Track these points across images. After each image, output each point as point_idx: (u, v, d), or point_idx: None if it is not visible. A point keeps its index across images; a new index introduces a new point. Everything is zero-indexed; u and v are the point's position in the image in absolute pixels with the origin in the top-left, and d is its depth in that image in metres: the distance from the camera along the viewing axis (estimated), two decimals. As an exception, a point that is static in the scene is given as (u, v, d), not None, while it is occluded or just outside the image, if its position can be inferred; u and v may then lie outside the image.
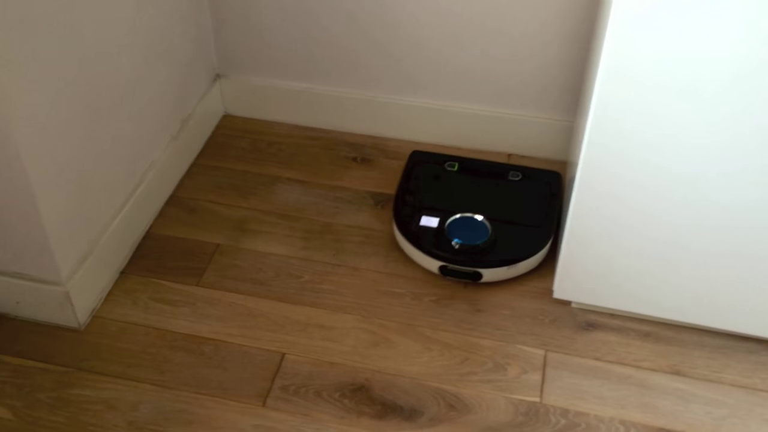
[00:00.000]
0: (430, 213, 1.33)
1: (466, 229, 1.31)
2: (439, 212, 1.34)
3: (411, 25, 1.46)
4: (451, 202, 1.36)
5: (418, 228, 1.32)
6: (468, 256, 1.28)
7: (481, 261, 1.28)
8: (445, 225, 1.31)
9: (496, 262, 1.28)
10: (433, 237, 1.31)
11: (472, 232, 1.30)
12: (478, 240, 1.29)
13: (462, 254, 1.28)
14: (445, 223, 1.32)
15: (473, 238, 1.29)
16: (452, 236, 1.29)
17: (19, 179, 1.07)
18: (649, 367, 1.20)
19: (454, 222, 1.32)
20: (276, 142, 1.60)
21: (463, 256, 1.28)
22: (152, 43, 1.34)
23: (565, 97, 1.48)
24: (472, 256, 1.28)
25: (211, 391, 1.16)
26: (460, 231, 1.30)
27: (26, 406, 1.14)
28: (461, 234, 1.30)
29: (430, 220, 1.32)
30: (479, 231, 1.30)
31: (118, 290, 1.30)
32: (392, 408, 1.14)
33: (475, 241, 1.29)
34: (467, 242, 1.28)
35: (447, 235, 1.30)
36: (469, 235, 1.29)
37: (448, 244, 1.29)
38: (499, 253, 1.29)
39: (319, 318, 1.26)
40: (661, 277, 1.18)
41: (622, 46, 0.98)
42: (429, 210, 1.34)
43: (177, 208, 1.45)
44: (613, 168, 1.09)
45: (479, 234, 1.30)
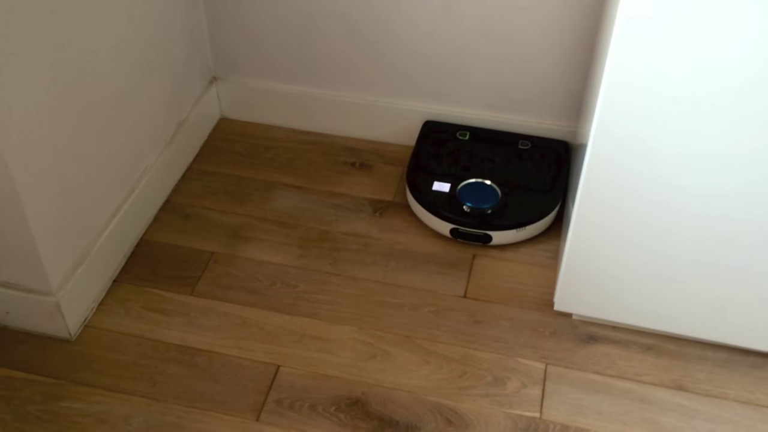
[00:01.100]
0: (442, 179, 1.38)
1: (476, 194, 1.35)
2: (451, 178, 1.38)
3: (411, 28, 1.43)
4: (462, 169, 1.41)
5: (430, 192, 1.35)
6: (478, 219, 1.33)
7: (491, 224, 1.32)
8: (456, 189, 1.35)
9: (505, 224, 1.33)
10: (445, 201, 1.34)
11: (482, 196, 1.34)
12: (488, 203, 1.33)
13: (472, 217, 1.32)
14: (456, 187, 1.36)
15: (483, 202, 1.33)
16: (463, 200, 1.33)
17: (5, 187, 1.04)
18: (650, 382, 1.18)
19: (465, 187, 1.36)
20: (273, 147, 1.57)
21: (473, 219, 1.32)
22: (145, 46, 1.31)
23: (567, 104, 1.46)
24: (483, 219, 1.33)
25: (204, 404, 1.13)
26: (470, 195, 1.34)
27: (15, 419, 1.11)
28: (472, 198, 1.34)
29: (442, 185, 1.36)
30: (489, 195, 1.35)
31: (110, 299, 1.27)
32: (388, 423, 1.12)
33: (484, 205, 1.33)
34: (477, 206, 1.32)
35: (458, 199, 1.34)
36: (480, 199, 1.34)
37: (459, 207, 1.33)
38: (508, 216, 1.33)
39: (315, 329, 1.24)
40: (663, 289, 1.16)
41: (627, 55, 0.95)
42: (441, 176, 1.39)
43: (172, 215, 1.43)
44: (616, 179, 1.06)
45: (489, 198, 1.34)
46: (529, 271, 1.33)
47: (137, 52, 1.29)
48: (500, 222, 1.33)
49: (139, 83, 1.31)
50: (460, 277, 1.32)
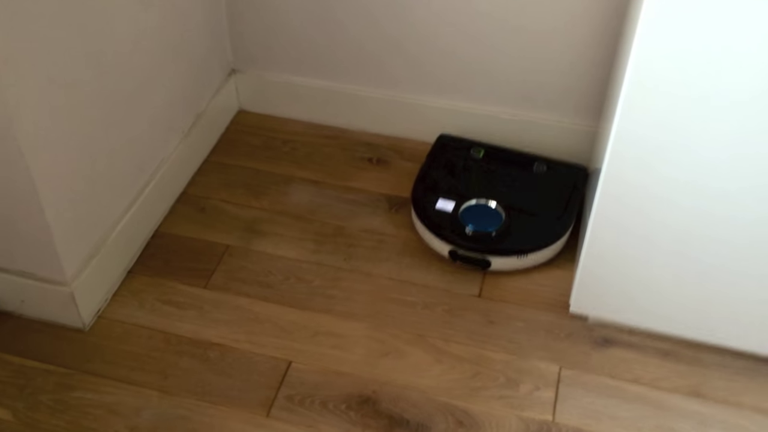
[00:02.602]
0: (448, 196, 1.34)
1: (479, 216, 1.30)
2: (457, 196, 1.34)
3: (433, 23, 1.42)
4: (470, 188, 1.36)
5: (433, 210, 1.32)
6: (480, 242, 1.27)
7: (492, 249, 1.27)
8: (459, 210, 1.31)
9: (506, 250, 1.27)
10: (447, 221, 1.30)
11: (485, 218, 1.30)
12: (491, 227, 1.28)
13: (473, 241, 1.27)
14: (459, 207, 1.31)
15: (486, 225, 1.28)
16: (466, 221, 1.29)
17: (22, 178, 1.05)
18: (667, 388, 1.16)
19: (469, 208, 1.31)
20: (291, 141, 1.57)
21: (474, 243, 1.27)
22: (165, 38, 1.31)
23: (589, 102, 1.43)
24: (484, 243, 1.27)
25: (215, 398, 1.13)
26: (473, 217, 1.30)
27: (27, 408, 1.12)
28: (474, 220, 1.29)
29: (446, 203, 1.32)
30: (493, 218, 1.30)
31: (124, 290, 1.28)
32: (399, 422, 1.11)
33: (487, 228, 1.28)
34: (480, 229, 1.28)
35: (460, 220, 1.30)
36: (483, 222, 1.29)
37: (461, 229, 1.29)
38: (510, 242, 1.28)
39: (328, 325, 1.23)
40: (683, 293, 1.14)
41: (651, 53, 0.93)
42: (447, 193, 1.35)
43: (187, 207, 1.43)
44: (636, 179, 1.05)
45: (492, 221, 1.29)
46: (545, 272, 1.32)
47: (157, 43, 1.29)
48: (501, 247, 1.27)
49: (158, 75, 1.31)
50: (474, 276, 1.31)
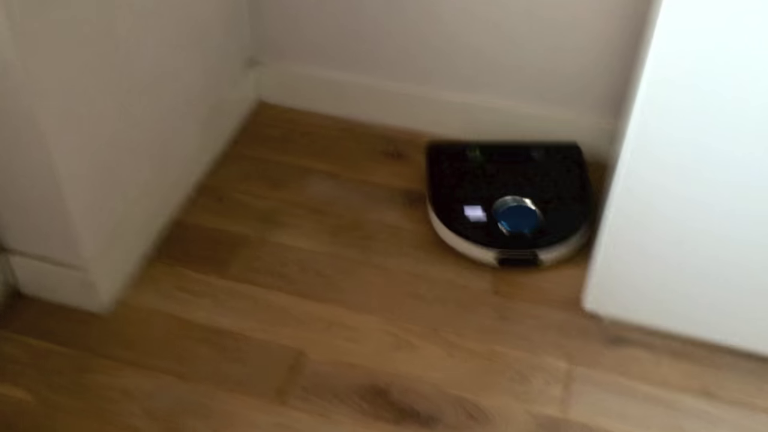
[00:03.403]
0: (471, 203, 1.33)
1: (514, 215, 1.31)
2: (480, 201, 1.34)
3: (456, 16, 1.42)
4: (487, 189, 1.36)
5: (466, 220, 1.31)
6: (523, 241, 1.29)
7: (535, 243, 1.29)
8: (493, 214, 1.31)
9: (550, 241, 1.29)
10: (484, 227, 1.30)
11: (521, 217, 1.31)
12: (529, 225, 1.29)
13: (517, 240, 1.29)
14: (492, 212, 1.31)
15: (524, 224, 1.29)
16: (506, 225, 1.29)
17: (43, 163, 1.07)
18: (678, 388, 1.16)
19: (501, 210, 1.31)
20: (309, 133, 1.58)
21: (518, 242, 1.28)
22: (185, 28, 1.33)
23: (608, 99, 1.43)
24: (527, 240, 1.29)
25: (230, 385, 1.15)
26: (509, 218, 1.31)
27: (46, 390, 1.14)
28: (511, 220, 1.30)
29: (474, 210, 1.31)
30: (527, 215, 1.31)
31: (142, 277, 1.30)
32: (410, 414, 1.12)
33: (525, 228, 1.29)
34: (520, 228, 1.29)
35: (499, 224, 1.30)
36: (520, 221, 1.30)
37: (500, 232, 1.29)
38: (550, 233, 1.29)
39: (342, 317, 1.25)
40: (697, 293, 1.14)
41: (670, 48, 0.93)
42: (469, 200, 1.33)
43: (205, 197, 1.44)
44: (654, 176, 1.04)
45: (528, 218, 1.30)
46: (558, 270, 1.32)
47: (177, 32, 1.30)
48: (544, 239, 1.29)
49: (178, 64, 1.32)
50: (488, 272, 1.31)
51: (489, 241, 1.29)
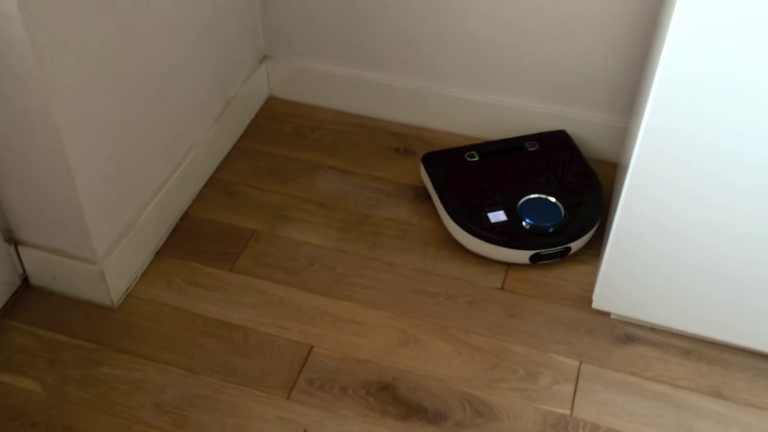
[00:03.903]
0: (492, 208, 1.31)
1: (538, 211, 1.31)
2: (499, 203, 1.32)
3: (467, 13, 1.41)
4: (501, 190, 1.34)
5: (490, 226, 1.29)
6: (551, 234, 1.29)
7: (567, 235, 1.29)
8: (518, 214, 1.30)
9: (578, 231, 1.30)
10: (508, 229, 1.29)
11: (544, 211, 1.31)
12: (553, 219, 1.29)
13: (547, 237, 1.29)
14: (517, 213, 1.31)
15: (549, 217, 1.30)
16: (537, 223, 1.29)
17: (57, 156, 1.07)
18: (687, 387, 1.15)
19: (525, 209, 1.31)
20: (319, 128, 1.58)
21: (549, 239, 1.28)
22: (198, 22, 1.33)
23: (621, 97, 1.42)
24: (555, 234, 1.29)
25: (238, 379, 1.16)
26: (534, 215, 1.30)
27: (56, 381, 1.15)
28: (536, 217, 1.30)
29: (497, 214, 1.30)
30: (549, 209, 1.31)
31: (152, 271, 1.30)
32: (417, 410, 1.12)
33: (549, 222, 1.29)
34: (547, 223, 1.29)
35: (530, 224, 1.29)
36: (543, 215, 1.30)
37: (528, 231, 1.29)
38: (575, 222, 1.30)
39: (349, 312, 1.25)
40: (707, 292, 1.13)
41: (684, 44, 0.92)
42: (490, 205, 1.32)
43: (216, 191, 1.45)
44: (665, 174, 1.04)
45: (551, 212, 1.30)
46: (568, 267, 1.32)
47: (190, 28, 1.31)
48: (572, 227, 1.29)
49: (190, 59, 1.33)
50: (497, 268, 1.31)
51: (520, 242, 1.28)
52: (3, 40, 0.96)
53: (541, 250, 1.28)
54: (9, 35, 0.95)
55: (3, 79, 1.00)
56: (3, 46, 0.97)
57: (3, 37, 0.96)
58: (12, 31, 0.95)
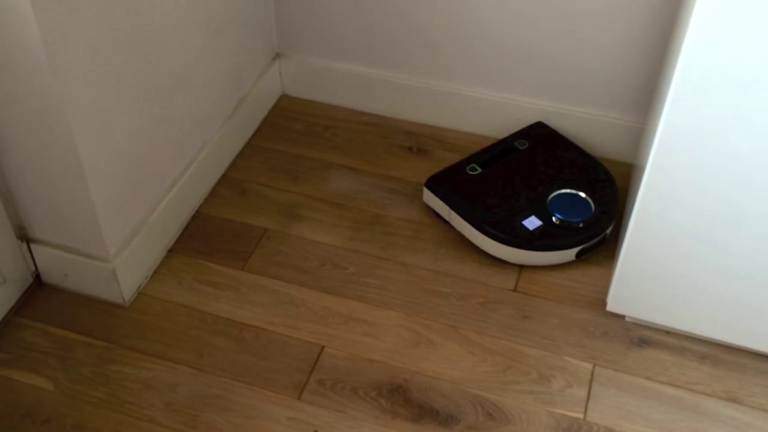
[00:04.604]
0: (523, 216, 1.30)
1: (569, 208, 1.31)
2: (526, 209, 1.31)
3: (481, 11, 1.40)
4: (519, 196, 1.33)
5: (530, 234, 1.27)
6: (593, 228, 1.29)
7: (602, 224, 1.30)
8: (549, 212, 1.30)
9: (608, 217, 1.31)
10: (551, 231, 1.28)
11: (574, 206, 1.31)
12: (583, 214, 1.30)
13: (587, 230, 1.29)
14: (547, 211, 1.30)
15: (580, 212, 1.30)
16: (572, 219, 1.29)
17: (69, 154, 1.07)
18: (703, 392, 1.14)
19: (553, 206, 1.31)
20: (332, 126, 1.57)
21: (590, 231, 1.29)
22: (210, 20, 1.32)
23: (637, 97, 1.41)
24: (596, 226, 1.29)
25: (249, 379, 1.15)
26: (567, 211, 1.30)
27: (68, 379, 1.15)
28: (568, 213, 1.30)
29: (531, 221, 1.29)
30: (578, 203, 1.32)
31: (164, 269, 1.30)
32: (429, 412, 1.11)
33: (580, 217, 1.29)
34: (580, 217, 1.29)
35: (560, 219, 1.29)
36: (574, 210, 1.30)
37: (569, 229, 1.28)
38: (602, 209, 1.31)
39: (361, 312, 1.24)
40: (724, 295, 1.12)
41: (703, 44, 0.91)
42: (521, 213, 1.30)
43: (228, 189, 1.44)
44: (683, 175, 1.02)
45: (580, 205, 1.31)
46: (582, 269, 1.30)
47: (203, 25, 1.30)
48: (603, 212, 1.31)
49: (203, 57, 1.32)
50: (510, 270, 1.30)
51: (565, 242, 1.27)
52: (16, 40, 0.96)
53: (586, 245, 1.28)
54: (22, 35, 0.95)
55: (16, 79, 1.00)
56: (16, 46, 0.96)
57: (16, 37, 0.95)
58: (25, 31, 0.94)
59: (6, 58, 0.98)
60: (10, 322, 1.22)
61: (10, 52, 0.97)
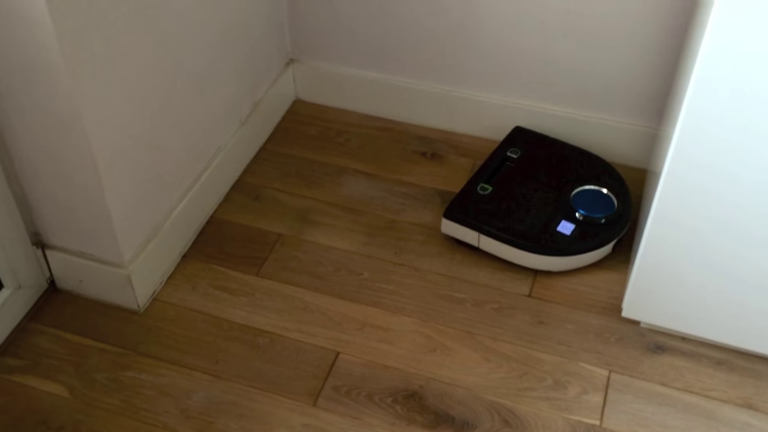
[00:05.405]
0: (558, 221, 1.30)
1: (594, 203, 1.32)
2: (557, 216, 1.31)
3: (493, 16, 1.40)
4: (538, 206, 1.32)
5: (568, 239, 1.28)
6: (622, 216, 1.31)
7: (629, 210, 1.33)
8: (585, 214, 1.31)
9: (628, 203, 1.34)
10: (583, 232, 1.29)
11: (598, 201, 1.32)
12: (607, 209, 1.31)
13: (618, 220, 1.31)
14: (573, 210, 1.31)
15: (603, 206, 1.32)
16: (597, 216, 1.30)
17: (87, 162, 1.07)
18: (719, 398, 1.13)
19: (583, 205, 1.32)
20: (345, 131, 1.57)
21: (623, 221, 1.31)
22: (226, 26, 1.33)
23: (650, 102, 1.40)
24: (623, 216, 1.32)
25: (264, 385, 1.15)
26: (593, 207, 1.31)
27: (82, 386, 1.15)
28: (591, 208, 1.31)
29: (565, 225, 1.29)
30: (600, 198, 1.33)
31: (178, 275, 1.30)
32: (444, 418, 1.11)
33: (604, 210, 1.31)
34: (613, 210, 1.31)
35: (597, 221, 1.30)
36: (598, 205, 1.32)
37: (606, 225, 1.30)
38: (620, 198, 1.33)
39: (376, 318, 1.24)
40: (740, 301, 1.11)
41: (719, 51, 0.90)
42: (554, 221, 1.30)
43: (242, 194, 1.44)
44: (699, 181, 1.02)
45: (602, 200, 1.33)
46: (596, 274, 1.30)
47: (218, 32, 1.30)
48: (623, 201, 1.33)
49: (218, 63, 1.33)
50: (525, 275, 1.30)
51: (603, 239, 1.29)
52: (34, 46, 0.96)
53: (620, 236, 1.31)
54: (40, 41, 0.95)
55: (33, 86, 1.01)
56: (34, 52, 0.97)
57: (34, 43, 0.96)
58: (43, 37, 0.95)
59: (24, 65, 0.99)
60: (25, 328, 1.23)
61: (28, 59, 0.98)
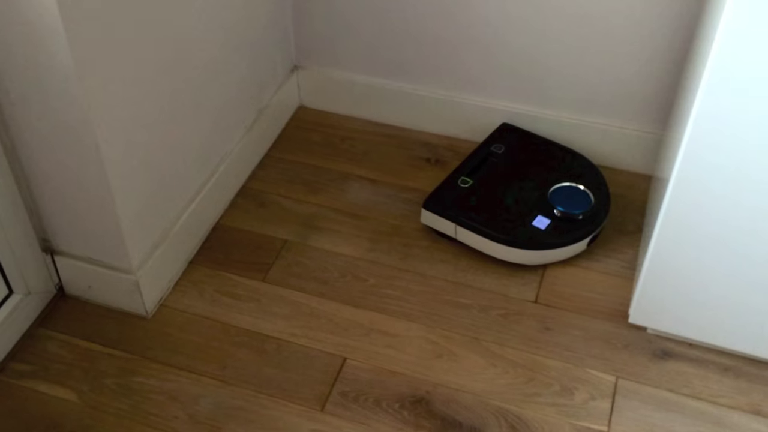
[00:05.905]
0: (532, 216, 1.32)
1: (570, 200, 1.34)
2: (535, 209, 1.33)
3: (498, 24, 1.41)
4: (516, 200, 1.35)
5: (539, 232, 1.29)
6: (598, 215, 1.33)
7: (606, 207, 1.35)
8: (563, 211, 1.32)
9: (606, 202, 1.35)
10: (558, 228, 1.30)
11: (576, 198, 1.34)
12: (584, 205, 1.33)
13: (594, 218, 1.32)
14: (550, 206, 1.33)
15: (581, 203, 1.33)
16: (575, 212, 1.32)
17: (96, 171, 1.08)
18: (726, 404, 1.13)
19: (561, 201, 1.33)
20: (349, 138, 1.58)
21: (599, 218, 1.32)
22: (231, 33, 1.33)
23: (654, 108, 1.41)
24: (599, 213, 1.33)
25: (271, 390, 1.15)
26: (571, 203, 1.33)
27: (91, 391, 1.15)
28: (569, 204, 1.33)
29: (540, 220, 1.31)
30: (577, 195, 1.35)
31: (185, 281, 1.30)
32: (452, 424, 1.11)
33: (581, 207, 1.33)
34: (589, 207, 1.33)
35: (575, 217, 1.31)
36: (575, 201, 1.33)
37: (583, 222, 1.31)
38: (598, 196, 1.35)
39: (382, 324, 1.24)
40: (747, 307, 1.11)
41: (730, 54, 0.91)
42: (529, 215, 1.32)
43: (248, 201, 1.45)
44: (708, 187, 1.02)
45: (579, 197, 1.34)
46: (603, 280, 1.30)
47: (223, 39, 1.31)
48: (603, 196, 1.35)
49: (223, 70, 1.33)
50: (531, 281, 1.30)
51: (577, 234, 1.30)
52: (46, 53, 0.97)
53: (595, 232, 1.32)
54: (52, 48, 0.96)
55: (44, 93, 1.01)
56: (45, 60, 0.97)
57: (46, 50, 0.96)
58: (55, 44, 0.95)
59: (35, 72, 0.99)
60: (34, 333, 1.23)
61: (40, 66, 0.98)
